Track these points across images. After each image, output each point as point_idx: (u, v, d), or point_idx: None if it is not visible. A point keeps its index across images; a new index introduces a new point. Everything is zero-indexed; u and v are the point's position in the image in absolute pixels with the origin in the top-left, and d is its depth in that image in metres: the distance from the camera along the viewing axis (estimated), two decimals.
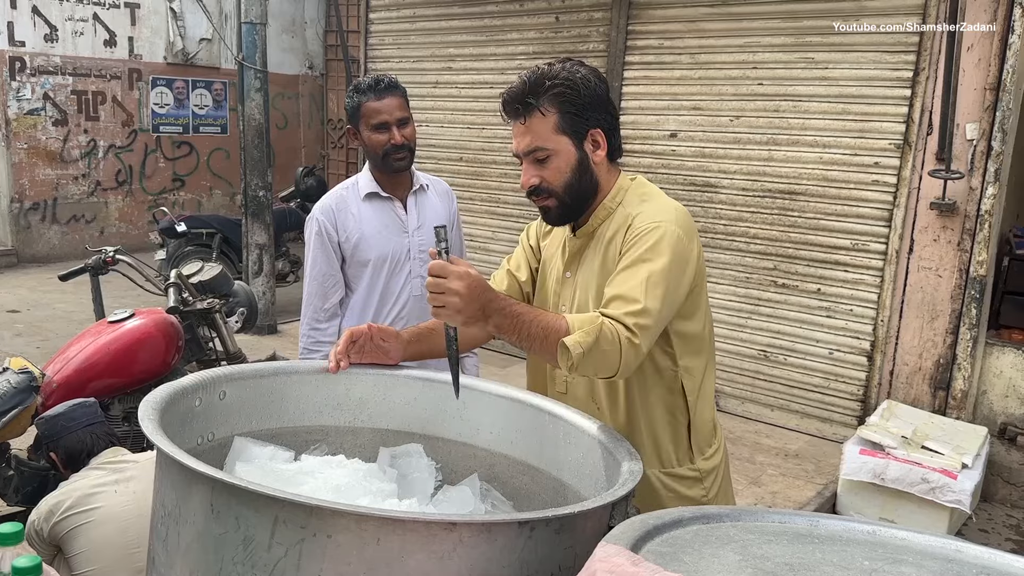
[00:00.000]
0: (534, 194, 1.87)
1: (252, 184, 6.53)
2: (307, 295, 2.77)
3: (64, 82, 9.21)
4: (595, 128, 1.82)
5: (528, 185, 1.86)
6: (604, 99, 1.84)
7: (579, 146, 1.82)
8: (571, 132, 1.81)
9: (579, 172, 1.83)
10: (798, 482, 4.55)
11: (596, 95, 1.81)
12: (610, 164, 1.89)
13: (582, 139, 1.82)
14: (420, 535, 1.17)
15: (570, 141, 1.81)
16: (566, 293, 1.94)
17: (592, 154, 1.84)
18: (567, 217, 1.90)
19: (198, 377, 1.66)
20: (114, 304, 3.82)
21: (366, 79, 2.68)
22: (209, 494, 1.23)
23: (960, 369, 4.74)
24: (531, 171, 1.85)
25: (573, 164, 1.82)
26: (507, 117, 1.86)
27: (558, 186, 1.83)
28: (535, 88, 1.79)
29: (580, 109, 1.80)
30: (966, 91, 4.51)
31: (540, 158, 1.82)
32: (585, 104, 1.80)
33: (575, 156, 1.82)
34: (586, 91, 1.79)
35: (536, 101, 1.79)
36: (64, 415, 2.67)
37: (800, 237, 5.18)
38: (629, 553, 1.09)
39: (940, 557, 1.22)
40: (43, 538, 2.44)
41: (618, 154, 1.90)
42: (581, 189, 1.84)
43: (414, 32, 7.21)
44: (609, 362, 1.63)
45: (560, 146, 1.81)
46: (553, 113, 1.79)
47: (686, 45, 5.53)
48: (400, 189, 2.76)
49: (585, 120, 1.81)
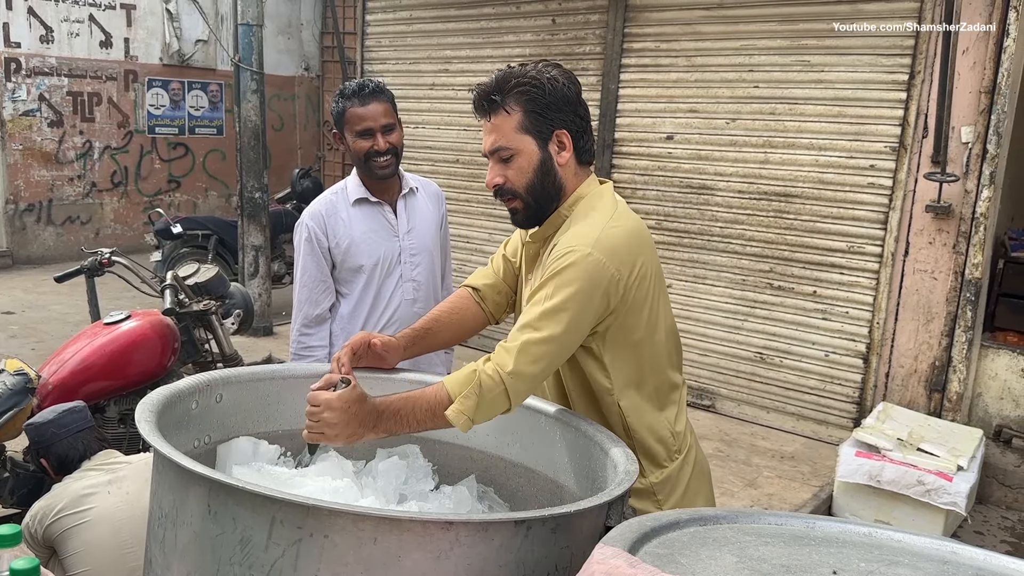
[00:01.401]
0: (499, 194, 1.86)
1: (248, 186, 6.52)
2: (297, 301, 2.76)
3: (60, 83, 9.18)
4: (560, 129, 1.80)
5: (492, 184, 1.85)
6: (573, 100, 1.82)
7: (543, 146, 1.80)
8: (535, 132, 1.79)
9: (541, 173, 1.81)
10: (794, 484, 4.56)
11: (563, 95, 1.80)
12: (579, 167, 1.86)
13: (546, 140, 1.80)
14: (417, 535, 1.17)
15: (533, 141, 1.79)
16: (525, 296, 1.93)
17: (557, 155, 1.81)
18: (533, 219, 1.87)
19: (195, 380, 1.66)
20: (110, 306, 3.81)
21: (351, 84, 2.65)
22: (206, 495, 1.23)
23: (955, 371, 4.75)
24: (496, 170, 1.84)
25: (535, 164, 1.80)
26: (477, 115, 1.86)
27: (520, 186, 1.82)
28: (501, 86, 1.79)
29: (544, 108, 1.78)
30: (961, 94, 4.52)
31: (504, 157, 1.81)
32: (550, 104, 1.78)
33: (538, 156, 1.80)
34: (552, 91, 1.78)
35: (501, 99, 1.79)
36: (53, 422, 2.65)
37: (796, 239, 5.19)
38: (627, 555, 1.09)
39: (936, 559, 1.23)
40: (37, 540, 2.44)
41: (588, 157, 1.88)
42: (544, 190, 1.82)
43: (410, 34, 7.21)
44: (500, 404, 1.66)
45: (523, 145, 1.79)
46: (517, 112, 1.78)
47: (682, 47, 5.54)
48: (389, 193, 2.75)
49: (549, 120, 1.79)
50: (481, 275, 2.11)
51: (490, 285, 2.07)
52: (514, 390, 1.65)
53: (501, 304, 2.08)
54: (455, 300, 2.07)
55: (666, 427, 1.90)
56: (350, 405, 1.60)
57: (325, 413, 1.60)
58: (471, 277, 2.12)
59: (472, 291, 2.07)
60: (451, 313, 2.04)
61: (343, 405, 1.60)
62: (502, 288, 2.07)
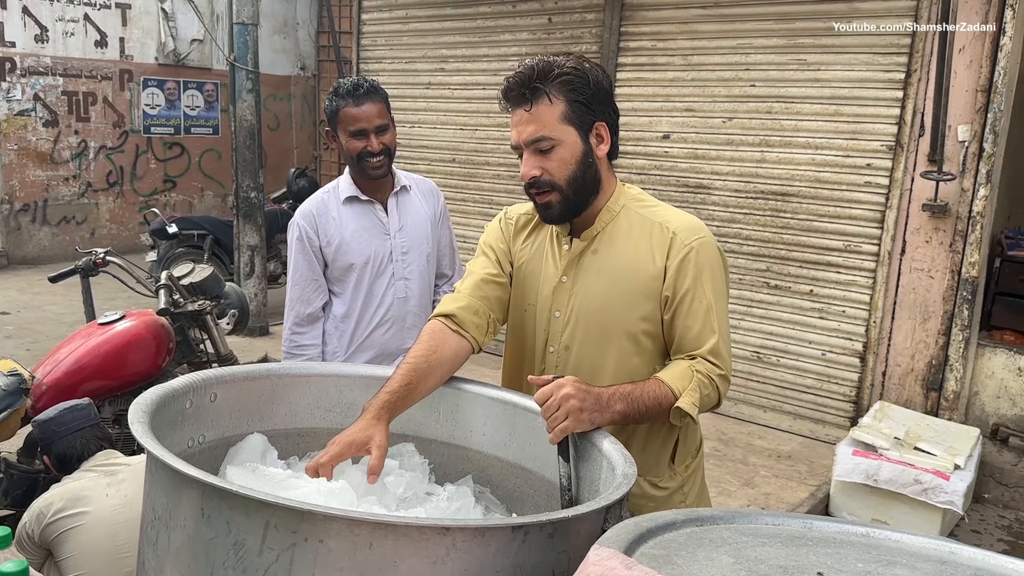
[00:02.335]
0: (534, 187, 1.79)
1: (244, 185, 6.51)
2: (289, 300, 2.75)
3: (55, 83, 9.16)
4: (600, 121, 1.77)
5: (529, 177, 1.78)
6: (609, 94, 1.80)
7: (585, 139, 1.76)
8: (578, 123, 1.75)
9: (583, 166, 1.77)
10: (791, 483, 4.56)
11: (603, 88, 1.78)
12: (609, 164, 1.85)
13: (588, 131, 1.77)
14: (413, 540, 1.16)
15: (576, 132, 1.75)
16: (561, 299, 1.87)
17: (596, 148, 1.79)
18: (569, 213, 1.81)
19: (189, 379, 1.64)
20: (105, 306, 3.80)
21: (346, 82, 2.63)
22: (199, 498, 1.22)
23: (952, 370, 4.75)
24: (533, 162, 1.77)
25: (578, 156, 1.76)
26: (509, 105, 1.78)
27: (561, 179, 1.76)
28: (544, 74, 1.73)
29: (588, 99, 1.74)
30: (958, 93, 4.52)
31: (543, 148, 1.75)
32: (593, 95, 1.75)
33: (580, 148, 1.76)
34: (594, 82, 1.75)
35: (545, 86, 1.73)
36: (54, 420, 2.65)
37: (792, 238, 5.19)
38: (623, 556, 1.08)
39: (934, 559, 1.22)
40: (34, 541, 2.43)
41: (616, 154, 1.85)
42: (585, 184, 1.78)
43: (407, 33, 7.20)
44: (712, 401, 1.77)
45: (566, 136, 1.75)
46: (561, 101, 1.73)
47: (679, 46, 5.53)
48: (380, 192, 2.74)
49: (592, 112, 1.76)
50: (450, 301, 1.89)
51: (465, 308, 1.87)
52: (723, 391, 1.78)
53: (482, 327, 1.87)
54: (429, 340, 1.80)
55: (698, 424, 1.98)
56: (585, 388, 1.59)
57: (570, 402, 1.56)
58: (439, 307, 1.91)
59: (446, 320, 1.85)
60: (428, 356, 1.77)
61: (578, 386, 1.58)
62: (479, 309, 1.88)
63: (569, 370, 1.84)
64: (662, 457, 1.90)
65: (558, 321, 1.87)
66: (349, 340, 2.76)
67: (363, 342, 2.76)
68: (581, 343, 1.85)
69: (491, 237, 2.02)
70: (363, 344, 2.76)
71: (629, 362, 1.82)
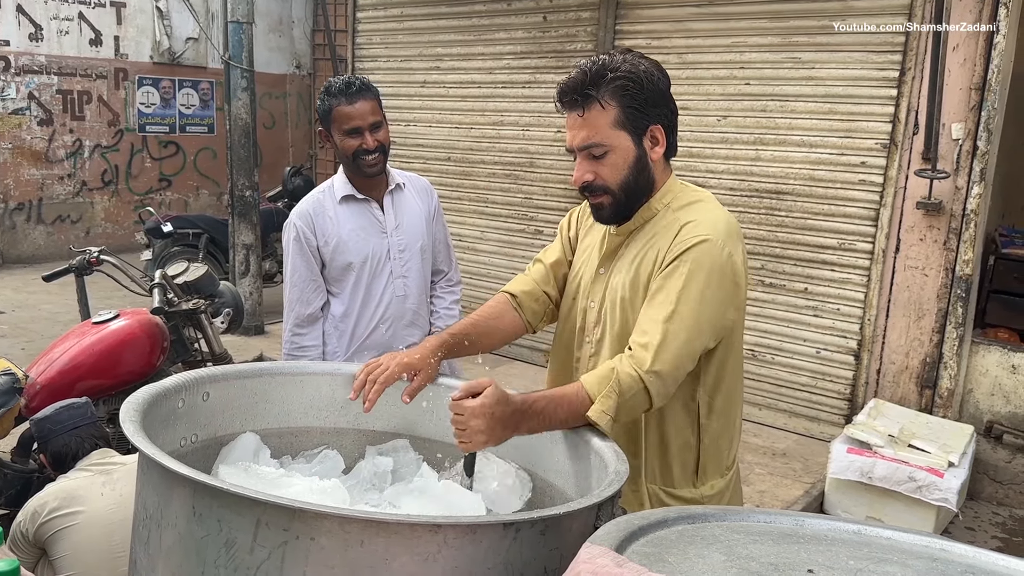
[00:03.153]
0: (587, 190, 1.80)
1: (238, 184, 6.49)
2: (288, 301, 2.75)
3: (49, 81, 9.14)
4: (655, 124, 1.76)
5: (581, 181, 1.79)
6: (666, 94, 1.77)
7: (638, 143, 1.76)
8: (631, 128, 1.74)
9: (636, 170, 1.76)
10: (786, 481, 4.56)
11: (659, 90, 1.75)
12: (665, 163, 1.83)
13: (642, 135, 1.75)
14: (404, 537, 1.16)
15: (629, 137, 1.74)
16: (596, 290, 1.89)
17: (650, 151, 1.77)
18: (621, 215, 1.83)
19: (181, 378, 1.64)
20: (100, 305, 3.79)
21: (338, 81, 2.63)
22: (191, 496, 1.22)
23: (946, 368, 4.76)
24: (585, 167, 1.77)
25: (631, 161, 1.76)
26: (563, 108, 1.78)
27: (614, 184, 1.77)
28: (596, 79, 1.72)
29: (642, 104, 1.73)
30: (952, 91, 4.53)
31: (596, 154, 1.75)
32: (647, 99, 1.73)
33: (634, 153, 1.75)
34: (649, 85, 1.73)
35: (597, 92, 1.72)
36: (50, 418, 2.64)
37: (787, 237, 5.19)
38: (614, 554, 1.08)
39: (925, 556, 1.22)
40: (28, 540, 2.42)
41: (673, 152, 1.84)
42: (638, 187, 1.78)
43: (402, 31, 7.19)
44: (640, 403, 1.67)
45: (619, 142, 1.74)
46: (614, 107, 1.72)
47: (673, 45, 5.53)
48: (376, 190, 2.74)
49: (646, 115, 1.74)
50: (519, 282, 2.04)
51: (528, 292, 2.01)
52: (655, 389, 1.65)
53: (539, 313, 2.02)
54: (494, 305, 2.00)
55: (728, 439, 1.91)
56: (494, 409, 1.57)
57: (472, 421, 1.56)
58: (510, 284, 2.05)
59: (511, 297, 2.01)
60: (489, 319, 1.97)
61: (487, 411, 1.56)
62: (540, 296, 2.01)
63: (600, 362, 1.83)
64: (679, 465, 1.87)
65: (592, 311, 1.90)
66: (349, 340, 2.76)
67: (364, 342, 2.75)
68: (610, 337, 1.86)
69: (565, 223, 2.07)
70: (364, 344, 2.76)
71: None
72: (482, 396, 1.57)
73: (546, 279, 2.02)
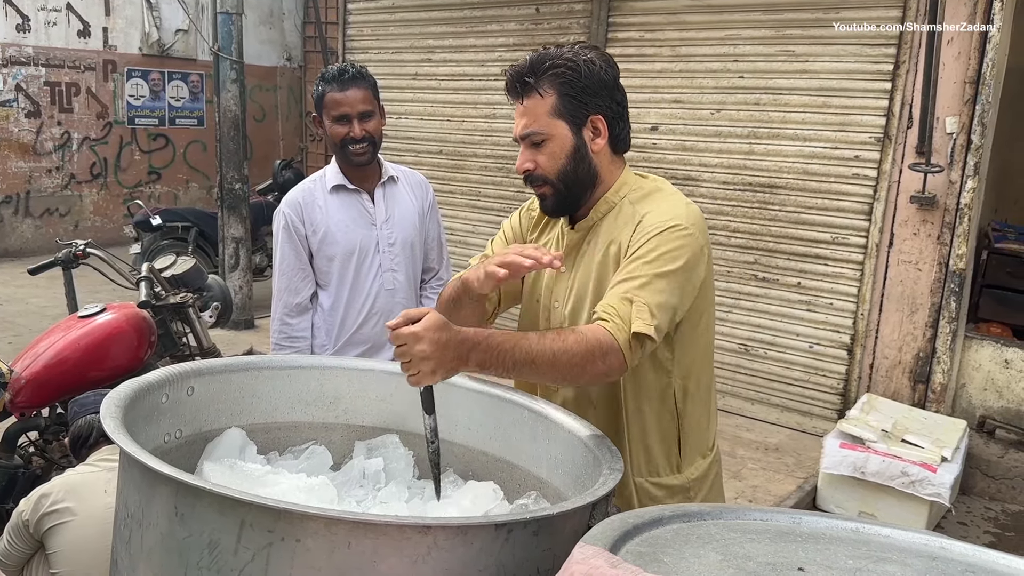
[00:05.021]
0: (529, 180, 1.80)
1: (228, 177, 6.44)
2: (276, 290, 2.73)
3: (37, 73, 9.06)
4: (596, 115, 1.75)
5: (522, 169, 1.79)
6: (610, 85, 1.75)
7: (576, 132, 1.75)
8: (568, 117, 1.73)
9: (575, 159, 1.75)
10: (779, 476, 4.55)
11: (600, 79, 1.73)
12: (614, 155, 1.81)
13: (580, 125, 1.74)
14: (393, 539, 1.13)
15: (567, 126, 1.74)
16: (560, 288, 1.86)
17: (591, 142, 1.76)
18: (564, 207, 1.82)
19: (164, 372, 1.61)
20: (89, 299, 3.74)
21: (333, 68, 2.63)
22: (173, 496, 1.19)
23: (939, 363, 4.75)
24: (526, 155, 1.78)
25: (568, 150, 1.75)
26: (509, 97, 1.79)
27: (552, 173, 1.76)
28: (536, 68, 1.73)
29: (579, 92, 1.72)
30: (946, 85, 4.51)
31: (536, 142, 1.75)
32: (585, 88, 1.72)
33: (571, 142, 1.75)
34: (588, 74, 1.71)
35: (535, 81, 1.72)
36: (79, 400, 2.66)
37: (780, 231, 5.17)
38: (608, 554, 1.06)
39: (924, 555, 1.20)
40: (28, 529, 2.37)
41: (624, 146, 1.82)
42: (577, 178, 1.77)
43: (393, 23, 7.14)
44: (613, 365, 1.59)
45: (556, 131, 1.73)
46: (551, 95, 1.72)
47: (667, 38, 5.51)
48: (367, 181, 2.72)
49: (584, 105, 1.73)
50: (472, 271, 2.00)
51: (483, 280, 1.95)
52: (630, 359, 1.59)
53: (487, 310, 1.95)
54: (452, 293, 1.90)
55: (706, 420, 1.91)
56: (436, 334, 1.48)
57: (415, 347, 1.47)
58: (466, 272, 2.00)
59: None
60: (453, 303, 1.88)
61: (429, 335, 1.47)
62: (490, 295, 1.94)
63: None
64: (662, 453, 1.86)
65: (557, 312, 1.86)
66: (337, 333, 2.73)
67: (352, 336, 2.73)
68: None
69: (509, 225, 2.04)
70: (352, 338, 2.73)
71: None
72: (422, 320, 1.50)
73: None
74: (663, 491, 1.86)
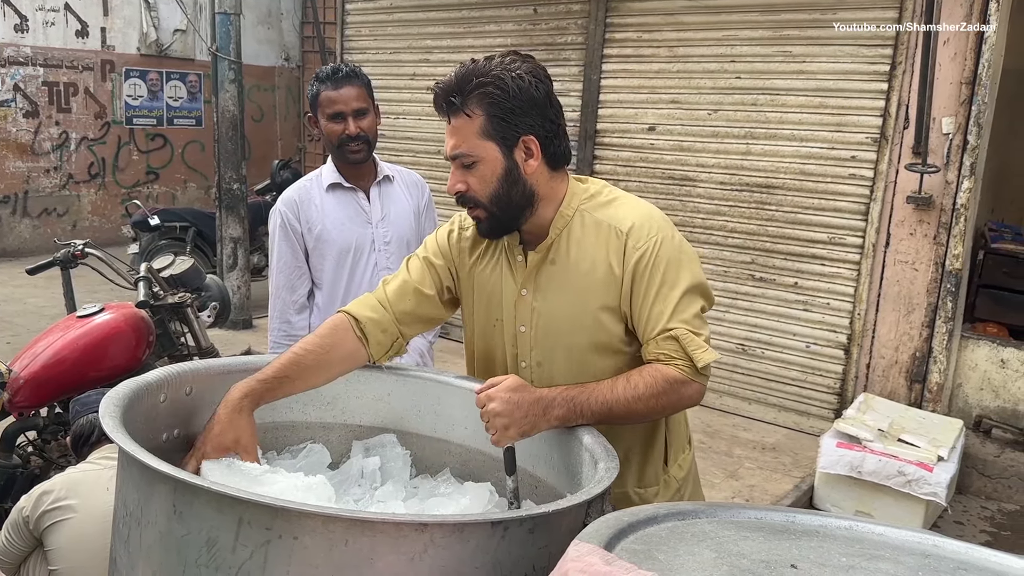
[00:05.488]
0: (462, 202, 1.71)
1: (226, 177, 6.45)
2: (274, 288, 2.74)
3: (35, 73, 9.05)
4: (527, 135, 1.64)
5: (453, 191, 1.69)
6: (541, 102, 1.64)
7: (508, 154, 1.64)
8: (498, 138, 1.63)
9: (508, 183, 1.66)
10: (775, 475, 4.56)
11: (530, 97, 1.62)
12: (553, 172, 1.71)
13: (512, 146, 1.64)
14: (390, 536, 1.14)
15: (497, 148, 1.64)
16: (524, 312, 1.77)
17: (523, 163, 1.66)
18: (498, 230, 1.73)
19: (163, 373, 1.62)
20: (87, 299, 3.74)
21: (327, 67, 2.65)
22: (171, 494, 1.20)
23: (936, 362, 4.77)
24: (457, 176, 1.68)
25: (500, 173, 1.65)
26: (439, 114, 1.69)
27: (484, 196, 1.67)
28: (461, 86, 1.62)
29: (507, 113, 1.61)
30: (942, 85, 4.52)
31: (466, 164, 1.66)
32: (514, 108, 1.61)
33: (502, 165, 1.65)
34: (517, 92, 1.61)
35: (461, 101, 1.62)
36: (81, 399, 2.65)
37: (777, 231, 5.18)
38: (603, 552, 1.07)
39: (917, 552, 1.21)
40: (28, 526, 2.37)
41: (563, 161, 1.73)
42: (511, 200, 1.67)
43: (391, 23, 7.15)
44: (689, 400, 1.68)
45: (486, 153, 1.64)
46: (479, 116, 1.62)
47: (664, 38, 5.52)
48: (363, 179, 2.73)
49: (514, 126, 1.63)
50: (366, 306, 1.81)
51: (375, 321, 1.79)
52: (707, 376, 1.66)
53: (384, 346, 1.80)
54: (328, 336, 1.75)
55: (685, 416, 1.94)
56: (511, 395, 1.55)
57: (490, 405, 1.55)
58: (353, 304, 1.84)
59: (353, 321, 1.78)
60: (320, 353, 1.72)
61: (504, 395, 1.55)
62: (389, 328, 1.80)
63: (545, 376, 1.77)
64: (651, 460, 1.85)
65: (525, 336, 1.79)
66: None
67: None
68: (552, 361, 1.77)
69: (436, 244, 1.89)
70: None
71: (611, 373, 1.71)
72: (500, 383, 1.57)
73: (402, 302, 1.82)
74: (654, 497, 1.86)
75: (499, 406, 1.54)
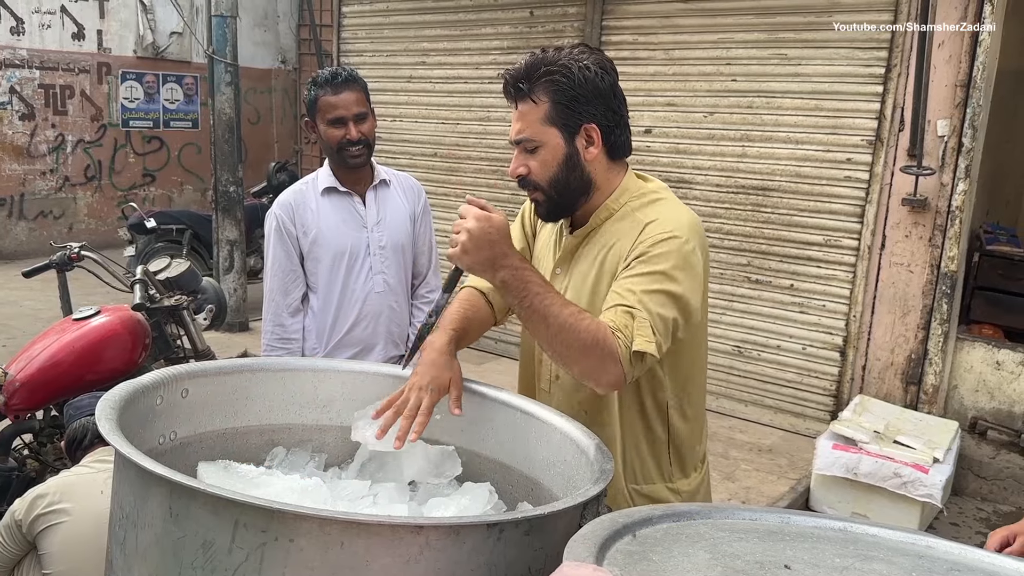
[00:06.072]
0: (522, 185, 1.79)
1: (222, 179, 6.45)
2: (268, 291, 2.73)
3: (31, 76, 9.04)
4: (590, 123, 1.71)
5: (515, 174, 1.77)
6: (606, 93, 1.71)
7: (569, 140, 1.71)
8: (561, 125, 1.70)
9: (567, 168, 1.73)
10: (772, 477, 4.57)
11: (595, 87, 1.69)
12: (611, 162, 1.77)
13: (573, 133, 1.71)
14: (386, 538, 1.14)
15: (559, 134, 1.71)
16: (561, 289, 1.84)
17: (584, 150, 1.72)
18: (556, 213, 1.82)
19: (159, 375, 1.61)
20: (83, 301, 3.74)
21: (324, 72, 2.63)
22: (167, 497, 1.20)
23: (931, 364, 4.78)
24: (519, 160, 1.76)
25: (560, 159, 1.72)
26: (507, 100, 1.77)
27: (543, 180, 1.74)
28: (530, 73, 1.69)
29: (572, 101, 1.68)
30: (937, 88, 4.54)
31: (528, 148, 1.73)
32: (579, 96, 1.68)
33: (563, 150, 1.72)
34: (583, 82, 1.68)
35: (528, 87, 1.70)
36: (74, 403, 2.66)
37: (773, 233, 5.20)
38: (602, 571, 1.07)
39: (911, 553, 1.22)
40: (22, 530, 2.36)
41: (623, 152, 1.79)
42: (569, 186, 1.74)
43: (387, 26, 7.15)
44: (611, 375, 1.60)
45: (548, 138, 1.71)
46: (544, 102, 1.69)
47: (660, 41, 5.53)
48: (359, 184, 2.73)
49: (577, 113, 1.69)
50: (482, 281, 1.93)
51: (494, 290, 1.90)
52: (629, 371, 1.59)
53: (503, 308, 1.94)
54: (472, 300, 1.93)
55: (699, 433, 1.91)
56: (491, 230, 1.59)
57: (468, 224, 1.58)
58: (472, 279, 1.95)
59: (479, 293, 1.96)
60: (473, 313, 1.91)
61: (482, 222, 1.58)
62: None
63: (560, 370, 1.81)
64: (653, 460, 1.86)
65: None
66: (328, 336, 2.74)
67: (343, 338, 2.74)
68: None
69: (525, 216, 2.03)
70: (343, 341, 2.74)
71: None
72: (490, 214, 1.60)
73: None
74: (653, 502, 1.85)
75: (472, 234, 1.59)
